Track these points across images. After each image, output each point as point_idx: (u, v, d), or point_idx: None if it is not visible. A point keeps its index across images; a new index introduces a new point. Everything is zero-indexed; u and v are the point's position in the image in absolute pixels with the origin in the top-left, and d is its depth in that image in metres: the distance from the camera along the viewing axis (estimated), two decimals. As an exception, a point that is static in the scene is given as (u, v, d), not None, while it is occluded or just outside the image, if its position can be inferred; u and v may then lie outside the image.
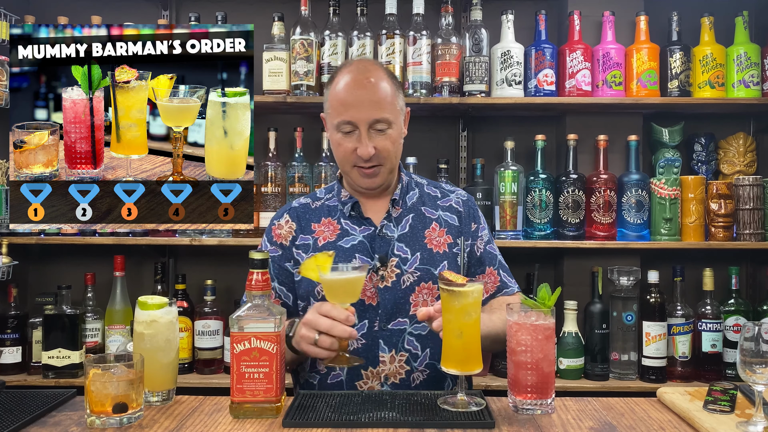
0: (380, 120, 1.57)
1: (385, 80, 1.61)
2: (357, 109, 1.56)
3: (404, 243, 1.65)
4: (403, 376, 1.58)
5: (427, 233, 1.68)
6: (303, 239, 1.69)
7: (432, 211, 1.72)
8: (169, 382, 1.35)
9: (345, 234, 1.67)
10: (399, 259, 1.63)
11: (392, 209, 1.68)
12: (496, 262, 1.75)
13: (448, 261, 1.66)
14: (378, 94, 1.58)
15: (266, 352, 1.24)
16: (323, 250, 1.66)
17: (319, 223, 1.70)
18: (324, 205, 1.73)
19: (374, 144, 1.58)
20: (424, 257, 1.64)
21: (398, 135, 1.64)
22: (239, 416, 1.25)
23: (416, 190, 1.75)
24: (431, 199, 1.74)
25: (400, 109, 1.65)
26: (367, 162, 1.59)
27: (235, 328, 1.26)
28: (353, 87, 1.58)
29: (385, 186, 1.69)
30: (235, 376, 1.25)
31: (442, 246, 1.67)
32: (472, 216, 1.75)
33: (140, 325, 1.33)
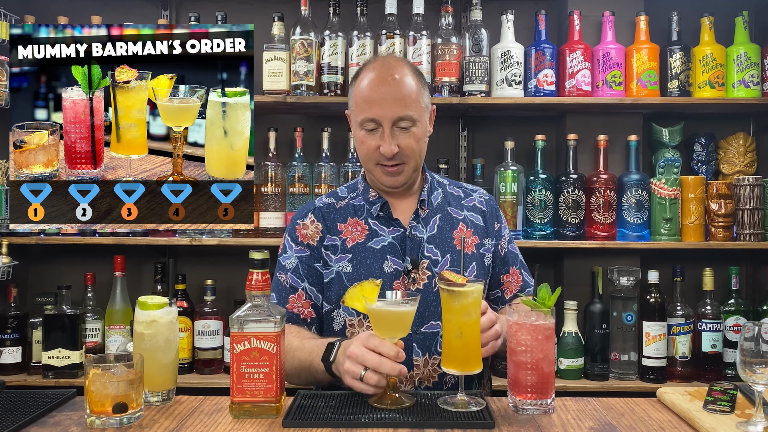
0: (404, 117, 1.55)
1: (410, 77, 1.58)
2: (380, 107, 1.54)
3: (434, 244, 1.63)
4: (436, 379, 1.57)
5: (455, 234, 1.66)
6: (330, 240, 1.65)
7: (458, 212, 1.70)
8: (169, 382, 1.35)
9: (374, 235, 1.64)
10: (429, 261, 1.61)
11: (420, 210, 1.66)
12: (518, 261, 1.77)
13: (476, 262, 1.65)
14: (402, 91, 1.55)
15: (266, 352, 1.24)
16: (354, 250, 1.63)
17: (346, 224, 1.66)
18: (349, 205, 1.69)
19: (398, 142, 1.55)
20: (454, 259, 1.63)
21: (423, 133, 1.60)
22: (239, 416, 1.25)
23: (439, 189, 1.74)
24: (455, 199, 1.73)
25: (425, 107, 1.61)
26: (390, 160, 1.57)
27: (235, 328, 1.25)
28: (377, 84, 1.56)
29: (409, 184, 1.66)
30: (235, 376, 1.25)
31: (470, 247, 1.66)
32: (495, 215, 1.75)
33: (140, 325, 1.33)
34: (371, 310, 1.30)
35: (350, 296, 1.36)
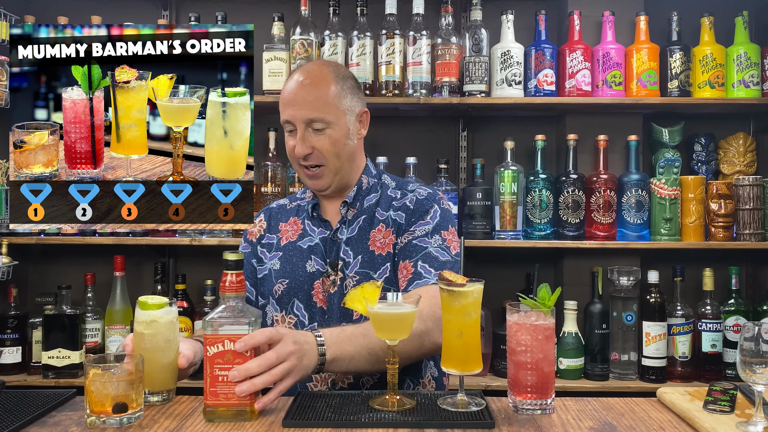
0: (315, 119, 1.58)
1: (328, 80, 1.61)
2: (294, 108, 1.59)
3: (350, 246, 1.64)
4: (351, 380, 1.58)
5: (372, 234, 1.64)
6: (269, 238, 1.73)
7: (383, 212, 1.67)
8: (169, 382, 1.35)
9: (305, 234, 1.69)
10: (343, 262, 1.62)
11: (345, 212, 1.67)
12: (417, 255, 1.59)
13: (391, 263, 1.61)
14: (314, 93, 1.59)
15: (240, 354, 1.22)
16: (285, 249, 1.68)
17: (286, 223, 1.74)
18: (297, 205, 1.77)
19: (311, 143, 1.59)
20: (364, 260, 1.62)
21: (341, 135, 1.61)
22: (213, 420, 1.22)
23: (379, 191, 1.71)
24: (388, 200, 1.69)
25: (346, 110, 1.62)
26: (305, 161, 1.61)
27: (208, 330, 1.23)
28: (293, 87, 1.61)
29: (338, 188, 1.67)
30: (208, 379, 1.22)
31: (386, 247, 1.62)
32: (419, 213, 1.64)
33: (140, 325, 1.32)
34: (372, 312, 1.30)
35: (351, 298, 1.36)
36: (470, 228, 2.59)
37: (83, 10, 2.78)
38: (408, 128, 2.88)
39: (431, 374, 1.69)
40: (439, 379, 1.71)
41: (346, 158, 1.64)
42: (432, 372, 1.69)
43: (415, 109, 2.74)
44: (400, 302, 1.32)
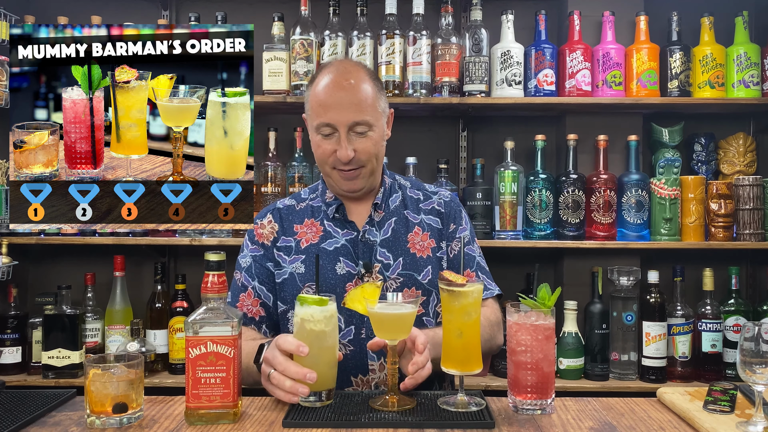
0: (360, 122, 1.56)
1: (366, 81, 1.59)
2: (336, 111, 1.55)
3: (387, 248, 1.63)
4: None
5: (410, 237, 1.65)
6: (285, 241, 1.67)
7: (414, 215, 1.69)
8: (335, 379, 1.34)
9: (328, 236, 1.65)
10: (381, 264, 1.61)
11: (374, 213, 1.66)
12: (473, 263, 1.71)
13: (432, 266, 1.63)
14: (358, 95, 1.56)
15: (223, 356, 1.21)
16: (307, 251, 1.64)
17: (302, 225, 1.69)
18: (308, 206, 1.72)
19: (354, 146, 1.56)
20: (407, 262, 1.62)
21: (380, 137, 1.61)
22: (194, 422, 1.22)
23: (399, 192, 1.72)
24: (414, 202, 1.71)
25: (382, 111, 1.62)
26: (346, 165, 1.58)
27: (189, 332, 1.22)
28: (332, 89, 1.57)
29: (367, 189, 1.66)
30: (190, 382, 1.21)
31: (425, 250, 1.65)
32: (453, 217, 1.71)
33: (319, 323, 1.28)
34: (372, 312, 1.30)
35: (351, 298, 1.36)
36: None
37: (83, 10, 2.78)
38: (408, 128, 2.88)
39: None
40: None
41: (381, 160, 1.65)
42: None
43: (415, 109, 2.74)
44: (400, 302, 1.32)
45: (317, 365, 1.27)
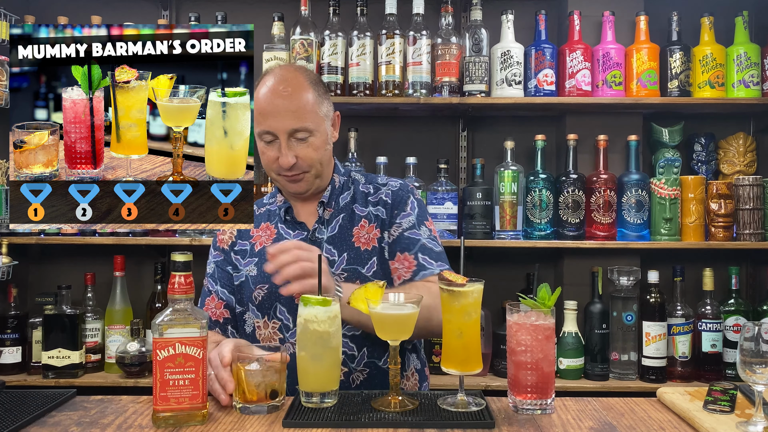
0: (300, 129, 1.57)
1: (305, 88, 1.60)
2: (275, 119, 1.57)
3: (333, 245, 1.64)
4: (342, 378, 1.58)
5: (355, 231, 1.66)
6: (241, 245, 1.72)
7: (363, 208, 1.70)
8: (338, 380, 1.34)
9: (280, 238, 1.68)
10: (327, 261, 1.61)
11: (323, 212, 1.68)
12: (415, 246, 1.65)
13: (377, 257, 1.63)
14: (296, 102, 1.57)
15: (192, 357, 1.20)
16: (261, 254, 1.66)
17: (258, 228, 1.72)
18: (266, 211, 1.75)
19: (296, 153, 1.58)
20: (351, 257, 1.63)
21: (322, 142, 1.62)
22: (161, 425, 1.20)
23: (351, 189, 1.73)
24: (363, 196, 1.72)
25: (324, 115, 1.63)
26: (289, 171, 1.60)
27: (156, 334, 1.21)
28: (271, 96, 1.58)
29: (314, 190, 1.68)
30: (158, 384, 1.20)
31: (370, 242, 1.65)
32: (398, 204, 1.69)
33: (323, 323, 1.28)
34: (374, 312, 1.30)
35: (354, 298, 1.36)
36: (470, 228, 2.59)
37: (83, 10, 2.78)
38: (408, 128, 2.88)
39: (414, 366, 1.72)
40: (422, 371, 1.74)
41: (326, 163, 1.67)
42: (415, 364, 1.72)
43: (415, 109, 2.74)
44: (402, 303, 1.32)
45: (321, 366, 1.28)
